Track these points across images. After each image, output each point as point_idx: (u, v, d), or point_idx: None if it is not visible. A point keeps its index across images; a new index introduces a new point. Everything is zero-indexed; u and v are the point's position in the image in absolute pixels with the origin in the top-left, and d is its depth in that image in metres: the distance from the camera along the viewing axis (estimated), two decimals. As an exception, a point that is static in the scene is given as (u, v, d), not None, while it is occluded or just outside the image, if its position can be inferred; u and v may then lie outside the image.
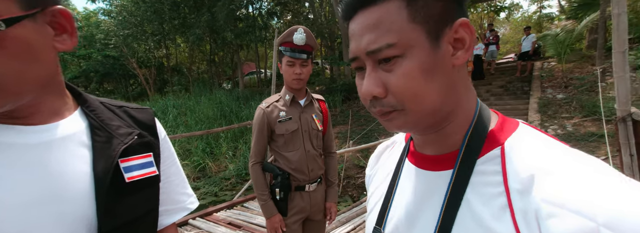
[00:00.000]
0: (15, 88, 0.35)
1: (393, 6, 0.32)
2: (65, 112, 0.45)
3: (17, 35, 0.33)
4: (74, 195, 0.41)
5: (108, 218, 0.44)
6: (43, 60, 0.37)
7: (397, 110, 0.34)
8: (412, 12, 0.32)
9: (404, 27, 0.32)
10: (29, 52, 0.35)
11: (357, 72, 0.38)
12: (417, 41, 0.32)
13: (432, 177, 0.38)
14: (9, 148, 0.38)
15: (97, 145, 0.45)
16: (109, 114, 0.50)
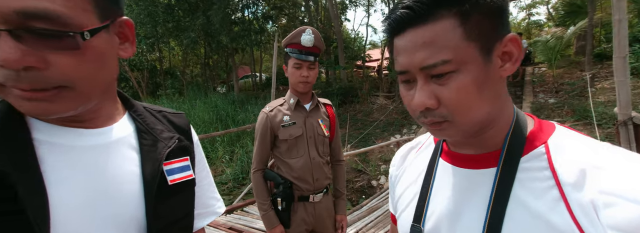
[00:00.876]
0: (88, 92, 0.37)
1: (447, 25, 0.34)
2: (116, 116, 0.47)
3: (95, 44, 0.36)
4: (126, 196, 0.43)
5: (155, 219, 0.45)
6: (110, 66, 0.40)
7: (448, 121, 0.36)
8: (467, 30, 0.34)
9: (459, 44, 0.34)
10: (102, 59, 0.38)
11: (402, 84, 0.40)
12: (472, 57, 0.34)
13: (474, 175, 0.41)
14: (72, 150, 0.40)
15: (144, 148, 0.47)
16: (152, 119, 0.52)
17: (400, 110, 8.88)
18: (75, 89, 0.35)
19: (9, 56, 0.30)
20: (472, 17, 0.34)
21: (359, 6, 13.68)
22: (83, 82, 0.36)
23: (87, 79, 0.36)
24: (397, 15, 0.36)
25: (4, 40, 0.30)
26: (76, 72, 0.35)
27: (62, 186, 0.37)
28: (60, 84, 0.34)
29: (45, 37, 0.32)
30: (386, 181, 5.31)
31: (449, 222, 0.41)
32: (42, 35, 0.32)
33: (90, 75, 0.37)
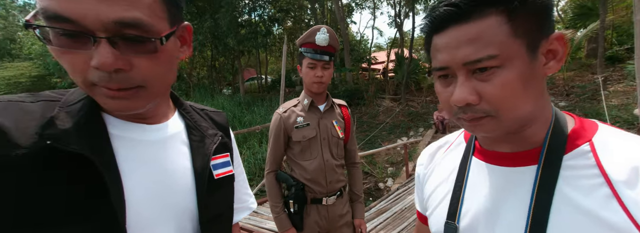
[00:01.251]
0: (157, 91, 0.41)
1: (494, 22, 0.34)
2: (169, 113, 0.51)
3: (167, 47, 0.40)
4: (181, 189, 0.47)
5: (205, 211, 0.49)
6: (174, 68, 0.44)
7: (489, 116, 0.37)
8: (514, 27, 0.34)
9: (506, 40, 0.34)
10: (170, 61, 0.42)
11: (439, 80, 0.41)
12: (518, 53, 0.35)
13: (511, 173, 0.41)
14: (139, 144, 0.44)
15: (193, 143, 0.51)
16: (197, 116, 0.56)
17: (407, 113, 8.83)
18: (148, 88, 0.39)
19: (106, 60, 0.34)
20: (520, 14, 0.34)
21: (365, 8, 13.73)
22: (155, 82, 0.40)
23: (159, 79, 0.41)
24: (441, 13, 0.37)
25: (103, 46, 0.34)
26: (152, 73, 0.39)
27: (132, 176, 0.41)
28: (138, 84, 0.38)
29: (133, 42, 0.36)
30: (393, 183, 5.26)
31: (487, 219, 0.41)
32: (131, 41, 0.36)
33: (162, 76, 0.41)
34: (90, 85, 0.36)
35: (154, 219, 0.43)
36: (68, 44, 0.34)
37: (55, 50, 0.35)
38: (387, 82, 11.02)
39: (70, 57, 0.35)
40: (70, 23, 0.33)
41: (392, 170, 6.01)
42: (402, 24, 11.67)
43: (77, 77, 0.36)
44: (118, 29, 0.34)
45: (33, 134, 0.35)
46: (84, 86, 0.37)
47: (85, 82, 0.36)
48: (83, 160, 0.36)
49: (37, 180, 0.34)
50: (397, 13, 11.64)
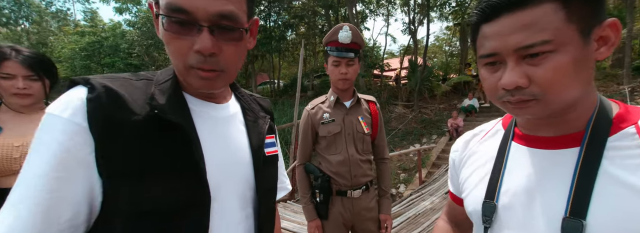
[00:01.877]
0: (233, 74, 0.49)
1: (549, 8, 0.36)
2: (228, 96, 0.58)
3: (245, 37, 0.48)
4: (242, 162, 0.54)
5: (260, 183, 0.55)
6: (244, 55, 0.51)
7: (536, 99, 0.39)
8: (569, 13, 0.36)
9: (561, 26, 0.36)
10: (245, 49, 0.49)
11: (486, 66, 0.43)
12: (572, 38, 0.36)
13: (553, 155, 0.43)
14: (210, 119, 0.51)
15: (249, 123, 0.58)
16: (249, 100, 0.63)
17: (420, 120, 8.69)
18: (227, 72, 0.47)
19: (206, 45, 0.42)
20: (574, 1, 0.36)
21: (378, 15, 13.81)
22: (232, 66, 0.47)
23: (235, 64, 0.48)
24: (494, 2, 0.39)
25: (204, 34, 0.42)
26: (233, 58, 0.47)
27: (207, 145, 0.47)
28: (222, 68, 0.45)
29: (225, 31, 0.44)
30: (405, 189, 5.12)
31: (526, 197, 0.43)
32: (224, 30, 0.44)
33: (237, 62, 0.48)
34: (188, 67, 0.44)
35: (224, 184, 0.50)
36: (178, 31, 0.42)
37: (169, 36, 0.43)
38: (400, 89, 10.93)
39: (179, 42, 0.43)
40: (186, 14, 0.41)
41: (404, 177, 5.87)
42: (416, 31, 11.63)
43: (179, 60, 0.44)
44: (217, 19, 0.42)
45: (144, 105, 0.43)
46: (183, 68, 0.45)
47: (185, 64, 0.44)
48: (175, 128, 0.44)
49: (147, 139, 0.42)
50: (411, 20, 11.62)
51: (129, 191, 0.41)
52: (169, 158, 0.43)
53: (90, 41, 13.74)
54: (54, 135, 0.39)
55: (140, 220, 0.41)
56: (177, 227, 0.44)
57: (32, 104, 1.04)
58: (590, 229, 0.36)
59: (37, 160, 0.38)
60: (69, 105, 0.40)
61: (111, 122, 0.40)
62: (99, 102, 0.40)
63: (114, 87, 0.42)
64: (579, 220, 0.36)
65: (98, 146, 0.40)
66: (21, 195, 0.37)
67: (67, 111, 0.39)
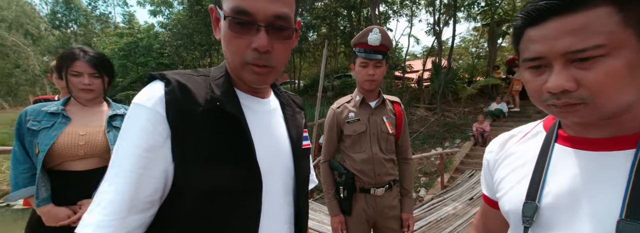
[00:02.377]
0: (281, 70, 0.54)
1: (603, 12, 0.35)
2: (269, 91, 0.63)
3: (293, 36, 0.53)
4: (284, 152, 0.59)
5: (299, 171, 0.60)
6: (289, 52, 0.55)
7: (584, 103, 0.38)
8: (626, 17, 0.35)
9: (616, 30, 0.35)
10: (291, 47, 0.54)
11: (530, 70, 0.43)
12: (628, 43, 0.36)
13: (603, 157, 0.42)
14: (257, 113, 0.56)
15: (288, 117, 0.63)
16: (286, 96, 0.68)
17: (442, 123, 8.43)
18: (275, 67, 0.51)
19: (263, 43, 0.47)
20: (631, 4, 0.35)
21: (402, 16, 13.57)
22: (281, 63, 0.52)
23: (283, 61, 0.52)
24: (542, 6, 0.39)
25: (262, 33, 0.47)
26: (282, 56, 0.52)
27: (255, 138, 0.52)
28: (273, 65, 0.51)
29: (279, 31, 0.49)
30: (426, 193, 5.00)
31: (571, 199, 0.42)
32: (278, 30, 0.49)
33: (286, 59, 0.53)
34: (245, 64, 0.50)
35: (271, 171, 0.55)
36: (239, 31, 0.47)
37: (230, 35, 0.48)
38: (422, 91, 10.66)
39: (238, 41, 0.48)
40: (248, 15, 0.46)
41: (425, 181, 5.73)
42: (441, 32, 11.29)
43: (237, 57, 0.49)
44: (273, 20, 0.47)
45: (205, 98, 0.49)
46: (239, 64, 0.50)
47: (241, 61, 0.49)
48: (231, 119, 0.50)
49: (209, 129, 0.48)
50: (436, 21, 11.31)
51: (195, 173, 0.47)
52: (227, 146, 0.49)
53: (127, 42, 14.72)
54: (142, 123, 0.45)
55: (205, 198, 0.48)
56: (235, 207, 0.50)
57: (94, 98, 1.18)
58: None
59: (129, 144, 0.45)
60: (152, 96, 0.47)
61: (183, 112, 0.46)
62: (174, 95, 0.47)
63: (184, 82, 0.48)
64: (636, 223, 0.36)
65: (173, 133, 0.46)
66: (117, 173, 0.44)
67: (151, 101, 0.46)
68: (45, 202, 1.05)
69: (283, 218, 0.58)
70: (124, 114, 1.25)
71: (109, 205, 0.42)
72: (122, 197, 0.43)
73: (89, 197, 1.11)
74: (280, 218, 0.57)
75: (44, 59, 21.14)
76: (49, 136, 1.06)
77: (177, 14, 14.37)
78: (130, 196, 0.43)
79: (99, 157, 1.14)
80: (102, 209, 0.42)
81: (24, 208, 5.13)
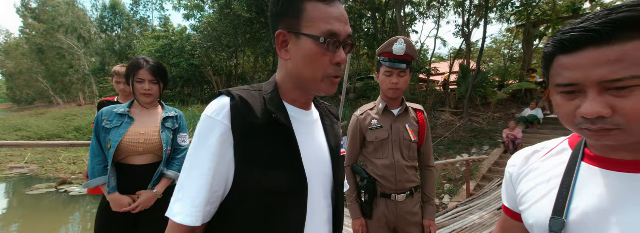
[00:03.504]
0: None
1: (639, 46, 0.37)
2: (311, 104, 0.69)
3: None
4: (325, 158, 0.65)
5: (336, 177, 0.66)
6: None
7: (620, 129, 0.40)
8: None
9: None
10: None
11: (562, 94, 0.45)
12: None
13: (631, 178, 0.44)
14: (302, 123, 0.63)
15: (327, 127, 0.69)
16: (325, 108, 0.74)
17: (469, 129, 8.07)
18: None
19: (345, 57, 0.56)
20: None
21: (429, 18, 13.21)
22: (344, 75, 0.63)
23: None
24: (577, 36, 0.40)
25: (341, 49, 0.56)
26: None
27: (302, 146, 0.59)
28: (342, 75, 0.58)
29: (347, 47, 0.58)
30: (450, 201, 4.82)
31: (600, 216, 0.44)
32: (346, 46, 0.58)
33: None
34: (325, 76, 0.57)
35: (314, 176, 0.60)
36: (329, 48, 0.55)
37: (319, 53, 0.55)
38: (448, 95, 10.28)
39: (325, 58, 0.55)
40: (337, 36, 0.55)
41: (449, 187, 5.52)
42: (470, 33, 10.84)
43: (319, 71, 0.56)
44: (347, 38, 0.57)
45: (262, 110, 0.56)
46: (320, 77, 0.57)
47: (324, 74, 0.57)
48: (282, 129, 0.57)
49: (265, 138, 0.55)
50: (465, 22, 10.88)
51: (252, 175, 0.55)
52: (279, 152, 0.56)
53: (162, 44, 15.69)
54: (213, 133, 0.54)
55: (261, 195, 0.55)
56: (285, 206, 0.56)
57: (152, 102, 1.37)
58: None
59: (205, 151, 0.54)
60: (220, 110, 0.55)
61: (244, 124, 0.55)
62: (237, 108, 0.55)
63: (245, 97, 0.57)
64: None
65: (236, 141, 0.54)
66: (195, 173, 0.54)
67: (220, 115, 0.55)
68: (114, 190, 1.25)
69: (324, 218, 0.64)
70: (174, 116, 1.42)
71: (195, 199, 0.52)
72: (203, 193, 0.53)
73: (145, 188, 1.30)
74: (322, 218, 0.63)
75: (92, 60, 23.27)
76: (118, 134, 1.26)
77: (207, 17, 15.12)
78: (207, 192, 0.53)
79: (154, 153, 1.32)
80: (191, 201, 0.52)
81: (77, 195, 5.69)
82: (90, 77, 21.76)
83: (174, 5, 16.25)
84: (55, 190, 6.00)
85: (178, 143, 1.39)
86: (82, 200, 5.52)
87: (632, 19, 0.37)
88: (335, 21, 0.54)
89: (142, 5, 24.10)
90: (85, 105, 19.32)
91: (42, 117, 14.13)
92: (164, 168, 1.33)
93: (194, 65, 15.08)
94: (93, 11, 25.62)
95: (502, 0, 10.07)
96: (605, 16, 0.39)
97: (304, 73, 0.57)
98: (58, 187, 6.16)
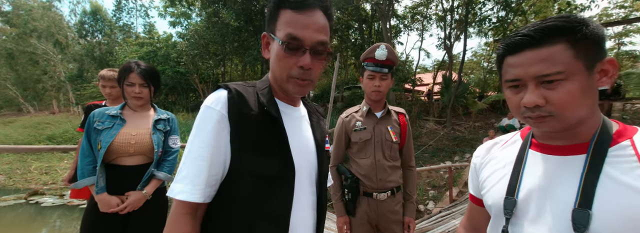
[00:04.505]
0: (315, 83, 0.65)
1: (560, 47, 0.48)
2: (299, 101, 0.75)
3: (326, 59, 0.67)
4: (311, 150, 0.71)
5: (321, 168, 0.73)
6: None
7: (551, 116, 0.49)
8: (576, 51, 0.47)
9: (571, 61, 0.47)
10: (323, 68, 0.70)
11: (510, 89, 0.54)
12: (579, 71, 0.48)
13: (564, 160, 0.53)
14: (291, 118, 0.69)
15: (314, 123, 0.76)
16: (312, 106, 0.80)
17: (452, 137, 8.33)
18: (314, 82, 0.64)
19: (308, 62, 0.60)
20: (580, 43, 0.47)
21: (413, 30, 13.79)
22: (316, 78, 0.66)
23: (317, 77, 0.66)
24: (518, 40, 0.51)
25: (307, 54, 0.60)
26: (318, 72, 0.64)
27: (290, 137, 0.64)
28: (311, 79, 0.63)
29: (318, 53, 0.62)
30: (434, 206, 4.91)
31: (540, 194, 0.53)
32: (318, 53, 0.62)
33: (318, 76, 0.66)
34: (289, 77, 0.62)
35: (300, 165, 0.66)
36: (290, 52, 0.60)
37: (283, 55, 0.60)
38: (432, 104, 10.63)
39: (288, 60, 0.61)
40: (299, 41, 0.59)
41: (433, 194, 5.63)
42: (451, 46, 11.39)
43: (285, 72, 0.62)
44: (316, 45, 0.60)
45: (255, 103, 0.62)
46: (285, 78, 0.62)
47: (288, 75, 0.62)
48: (273, 121, 0.62)
49: (258, 127, 0.61)
50: (447, 35, 11.45)
51: (246, 160, 0.60)
52: (270, 141, 0.62)
53: (147, 51, 15.38)
54: (211, 121, 0.59)
55: (255, 179, 0.61)
56: (274, 189, 0.62)
57: (143, 105, 1.39)
58: (595, 217, 0.45)
59: (205, 136, 0.58)
60: (218, 101, 0.60)
61: (240, 113, 0.60)
62: (234, 100, 0.60)
63: (241, 90, 0.62)
64: (586, 210, 0.46)
65: (232, 129, 0.59)
66: (197, 157, 0.58)
67: (218, 105, 0.60)
68: (102, 191, 1.24)
69: (309, 204, 0.70)
70: (166, 118, 1.44)
71: (196, 179, 0.57)
72: (203, 174, 0.58)
73: (134, 189, 1.29)
74: (307, 204, 0.69)
75: (69, 66, 22.37)
76: (109, 135, 1.27)
77: (194, 25, 15.06)
78: (207, 174, 0.58)
79: (145, 154, 1.33)
80: (190, 181, 0.57)
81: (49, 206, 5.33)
82: (66, 84, 20.86)
83: (159, 12, 16.09)
84: (25, 201, 5.61)
85: (169, 145, 1.40)
86: (54, 211, 5.18)
87: (557, 27, 0.48)
88: (302, 27, 0.59)
89: (126, 11, 23.68)
90: (59, 113, 18.37)
91: (10, 126, 13.31)
92: (154, 170, 1.32)
93: (179, 72, 14.84)
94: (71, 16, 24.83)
95: (480, 16, 10.72)
96: (538, 25, 0.49)
97: (275, 72, 0.64)
98: (28, 198, 5.76)
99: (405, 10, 13.54)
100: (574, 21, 0.48)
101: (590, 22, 0.49)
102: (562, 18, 0.48)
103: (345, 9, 11.72)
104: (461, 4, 10.63)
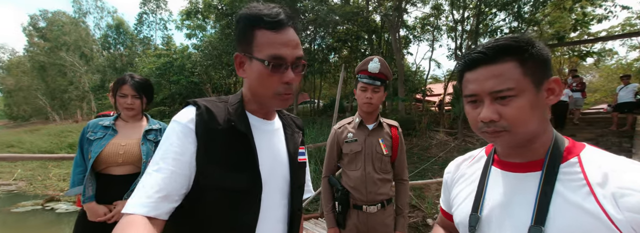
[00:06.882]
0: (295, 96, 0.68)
1: (511, 65, 0.51)
2: (274, 115, 0.77)
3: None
4: (283, 163, 0.73)
5: (294, 181, 0.73)
6: None
7: (505, 131, 0.51)
8: (524, 70, 0.50)
9: (520, 78, 0.50)
10: None
11: (469, 104, 0.56)
12: (528, 88, 0.50)
13: (521, 177, 0.55)
14: (263, 132, 0.70)
15: (287, 136, 0.77)
16: (287, 119, 0.82)
17: (463, 149, 8.09)
18: (295, 94, 0.65)
19: (292, 77, 0.62)
20: (528, 62, 0.50)
21: (423, 41, 13.77)
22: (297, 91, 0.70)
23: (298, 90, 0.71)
24: (473, 57, 0.53)
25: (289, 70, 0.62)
26: (298, 85, 0.64)
27: (260, 151, 0.66)
28: (293, 92, 0.64)
29: (298, 67, 0.64)
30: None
31: (500, 210, 0.55)
32: (297, 67, 0.64)
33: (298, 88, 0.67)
34: (275, 94, 0.64)
35: (270, 178, 0.68)
36: (275, 70, 0.62)
37: (267, 74, 0.62)
38: (443, 115, 10.43)
39: (273, 77, 0.62)
40: (282, 59, 0.61)
41: (443, 209, 5.43)
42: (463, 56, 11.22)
43: (270, 89, 0.63)
44: (295, 60, 0.63)
45: (224, 118, 0.64)
46: (271, 94, 0.64)
47: (274, 92, 0.63)
48: (241, 136, 0.63)
49: (225, 142, 0.62)
50: (457, 46, 11.35)
51: (212, 175, 0.61)
52: (237, 156, 0.63)
53: (163, 62, 16.06)
54: (178, 134, 0.61)
55: (218, 195, 0.62)
56: (240, 203, 0.63)
57: (134, 116, 1.45)
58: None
59: (167, 148, 0.60)
60: (187, 116, 0.63)
61: (207, 129, 0.62)
62: (202, 116, 0.62)
63: (209, 107, 0.64)
64: (539, 227, 0.48)
65: (198, 143, 0.61)
66: (157, 169, 0.58)
67: (185, 119, 0.62)
68: (90, 200, 1.29)
69: (278, 217, 0.71)
70: (158, 128, 1.48)
71: (149, 191, 0.56)
72: (159, 186, 0.57)
73: (121, 198, 1.32)
74: (276, 216, 0.70)
75: (93, 77, 23.73)
76: (99, 145, 1.32)
77: (209, 36, 15.66)
78: (165, 187, 0.57)
79: (133, 164, 1.36)
80: (144, 193, 0.56)
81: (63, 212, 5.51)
82: (89, 94, 22.00)
83: (177, 25, 16.89)
84: (41, 207, 5.83)
85: None
86: (67, 218, 5.35)
87: (508, 46, 0.51)
88: (282, 46, 0.61)
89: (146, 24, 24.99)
90: (82, 121, 19.28)
91: (37, 133, 14.06)
92: None
93: (193, 82, 15.35)
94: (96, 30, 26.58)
95: (492, 27, 10.61)
96: (492, 43, 0.52)
97: (257, 90, 0.65)
98: (44, 204, 5.99)
99: (416, 21, 13.59)
100: (522, 41, 0.50)
101: (536, 43, 0.51)
102: (513, 38, 0.51)
103: (355, 20, 11.89)
104: (472, 15, 10.58)
